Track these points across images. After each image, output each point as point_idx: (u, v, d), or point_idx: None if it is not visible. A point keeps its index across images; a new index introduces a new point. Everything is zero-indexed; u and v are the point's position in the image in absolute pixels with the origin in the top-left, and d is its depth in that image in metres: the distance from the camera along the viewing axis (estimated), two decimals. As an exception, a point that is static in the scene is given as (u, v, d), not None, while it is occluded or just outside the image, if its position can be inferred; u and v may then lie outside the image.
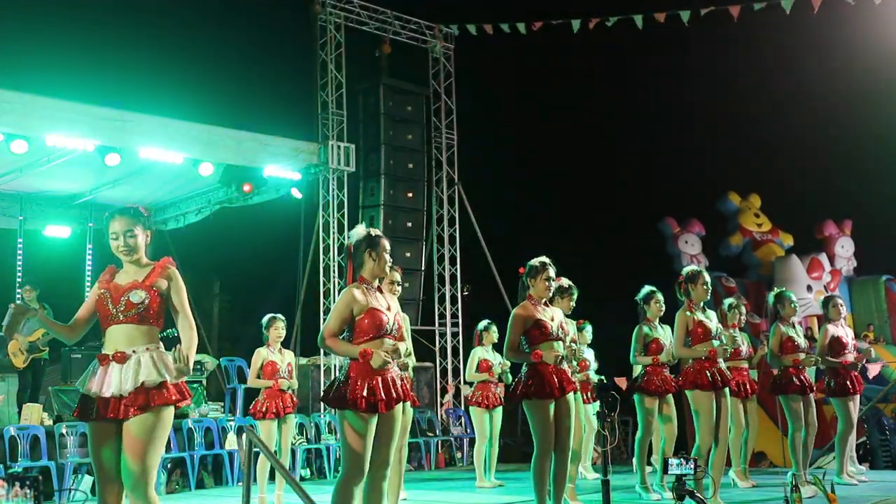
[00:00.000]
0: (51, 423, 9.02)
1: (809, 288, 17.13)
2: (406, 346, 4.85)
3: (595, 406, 8.42)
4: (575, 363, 6.89)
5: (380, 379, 4.31)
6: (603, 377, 8.64)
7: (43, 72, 14.81)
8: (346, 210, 12.40)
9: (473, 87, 17.19)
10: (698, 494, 5.82)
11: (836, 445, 7.80)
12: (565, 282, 6.48)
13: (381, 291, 4.57)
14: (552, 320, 5.54)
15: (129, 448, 3.88)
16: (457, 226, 14.49)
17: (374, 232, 4.59)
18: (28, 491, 3.88)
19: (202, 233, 13.83)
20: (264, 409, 7.16)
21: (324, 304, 12.04)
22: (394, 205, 13.88)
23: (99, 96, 9.97)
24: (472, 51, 15.21)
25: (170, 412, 4.01)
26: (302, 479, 10.02)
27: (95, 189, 12.07)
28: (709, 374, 6.28)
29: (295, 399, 7.42)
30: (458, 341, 14.01)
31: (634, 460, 7.32)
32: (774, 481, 7.63)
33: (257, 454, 6.93)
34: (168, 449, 9.07)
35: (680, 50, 18.95)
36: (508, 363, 8.72)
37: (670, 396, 7.17)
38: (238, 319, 20.14)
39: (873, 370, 8.94)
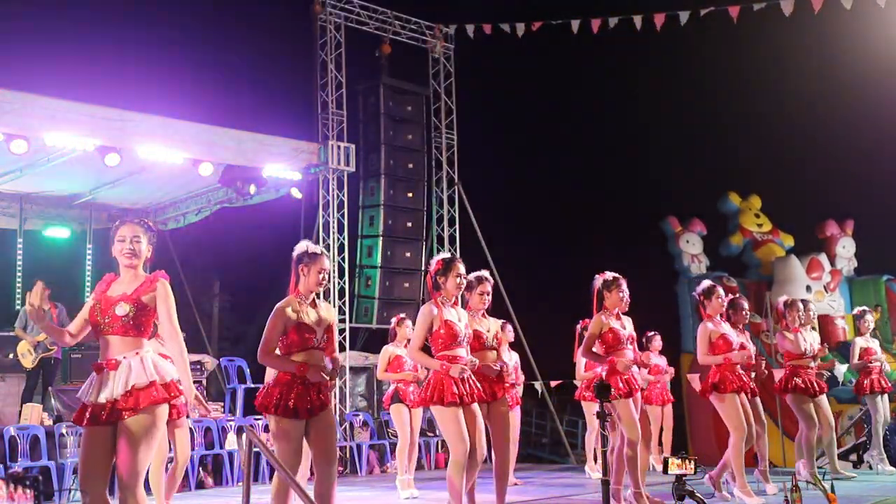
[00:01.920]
0: (51, 423, 9.03)
1: (809, 288, 17.13)
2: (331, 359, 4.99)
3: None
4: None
5: (300, 389, 4.68)
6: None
7: (43, 72, 14.83)
8: (346, 210, 12.40)
9: (473, 87, 17.19)
10: (698, 494, 5.82)
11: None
12: (610, 274, 6.39)
13: (314, 305, 4.85)
14: (487, 331, 5.81)
15: (122, 447, 3.98)
16: (457, 226, 14.49)
17: (313, 249, 4.91)
18: (28, 491, 3.90)
19: (202, 233, 13.83)
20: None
21: (324, 304, 12.03)
22: (394, 205, 13.88)
23: (99, 96, 9.97)
24: (472, 51, 15.20)
25: (163, 411, 4.11)
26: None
27: (95, 189, 12.07)
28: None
29: None
30: (458, 341, 14.01)
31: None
32: (774, 480, 7.62)
33: (258, 454, 6.93)
34: (168, 448, 9.07)
35: (680, 50, 18.95)
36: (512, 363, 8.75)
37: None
38: (238, 319, 20.16)
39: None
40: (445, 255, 5.52)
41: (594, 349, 6.31)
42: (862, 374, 8.69)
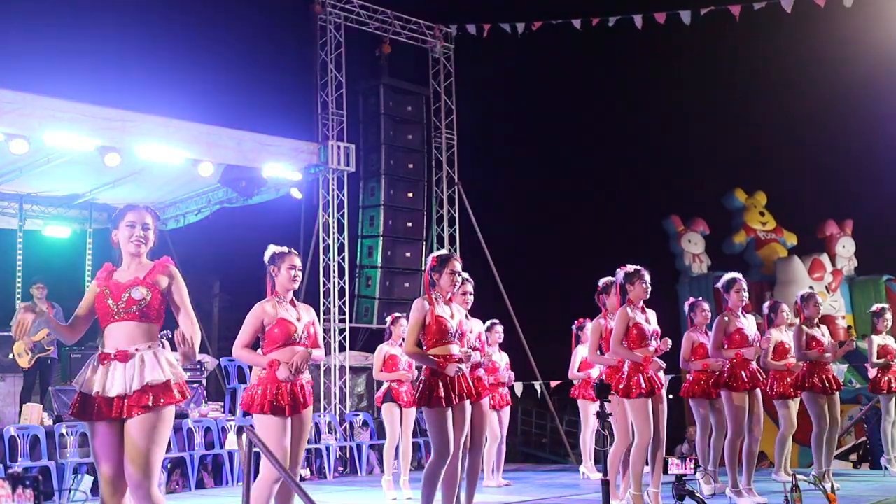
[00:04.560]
0: (51, 423, 9.02)
1: (811, 289, 17.14)
2: (319, 352, 5.13)
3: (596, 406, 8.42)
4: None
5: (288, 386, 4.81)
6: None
7: (43, 72, 14.82)
8: (346, 210, 12.40)
9: (473, 87, 17.19)
10: (698, 494, 5.82)
11: (776, 446, 7.87)
12: (631, 267, 6.26)
13: (293, 304, 5.00)
14: (471, 331, 5.73)
15: (133, 447, 3.86)
16: (457, 226, 14.49)
17: (280, 249, 5.03)
18: (28, 491, 3.85)
19: (202, 233, 13.82)
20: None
21: (323, 304, 12.04)
22: (394, 205, 13.87)
23: (99, 96, 9.96)
24: (472, 51, 15.21)
25: (172, 411, 4.02)
26: (302, 479, 10.02)
27: (95, 189, 12.07)
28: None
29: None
30: (458, 341, 13.99)
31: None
32: (773, 479, 7.62)
33: (258, 454, 6.90)
34: (168, 449, 9.05)
35: (682, 49, 18.94)
36: (505, 362, 8.73)
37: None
38: (238, 319, 20.08)
39: (871, 373, 9.01)
40: (442, 251, 5.52)
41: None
42: (879, 373, 8.59)
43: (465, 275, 5.91)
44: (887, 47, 13.34)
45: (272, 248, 5.03)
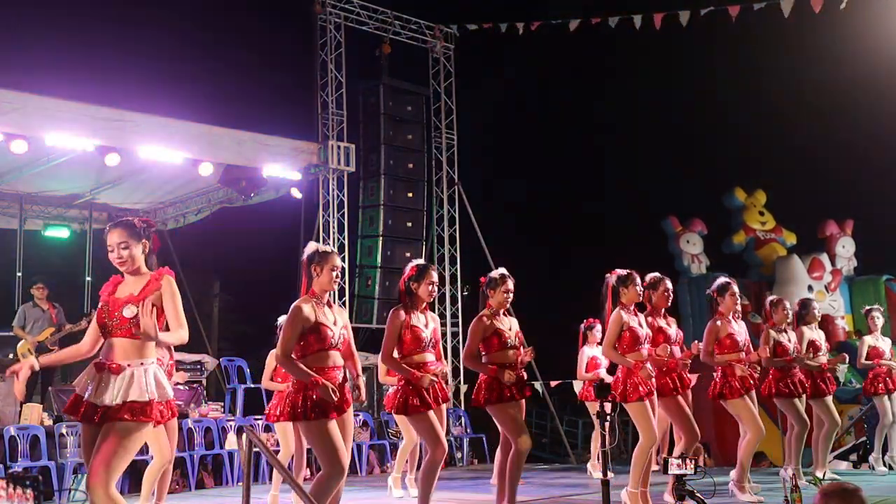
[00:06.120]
0: (51, 423, 9.02)
1: (810, 288, 17.11)
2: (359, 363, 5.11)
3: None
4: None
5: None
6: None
7: (43, 72, 14.84)
8: (346, 210, 12.40)
9: (473, 87, 17.21)
10: (699, 495, 5.81)
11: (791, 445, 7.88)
12: (623, 271, 6.19)
13: (329, 306, 4.80)
14: (510, 329, 5.85)
15: (99, 450, 3.95)
16: (457, 226, 14.49)
17: (323, 248, 4.85)
18: (28, 491, 3.88)
19: (202, 233, 13.85)
20: (278, 412, 7.16)
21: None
22: (394, 205, 13.87)
23: (99, 96, 9.98)
24: (472, 51, 15.22)
25: (148, 428, 4.09)
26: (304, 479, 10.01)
27: (95, 189, 12.07)
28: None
29: None
30: (458, 341, 14.01)
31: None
32: (774, 480, 7.62)
33: (258, 454, 6.91)
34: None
35: (680, 49, 18.96)
36: None
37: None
38: (238, 319, 20.16)
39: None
40: (420, 261, 5.59)
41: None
42: (871, 374, 8.60)
43: (503, 270, 5.88)
44: (886, 47, 13.35)
45: (314, 246, 4.84)
